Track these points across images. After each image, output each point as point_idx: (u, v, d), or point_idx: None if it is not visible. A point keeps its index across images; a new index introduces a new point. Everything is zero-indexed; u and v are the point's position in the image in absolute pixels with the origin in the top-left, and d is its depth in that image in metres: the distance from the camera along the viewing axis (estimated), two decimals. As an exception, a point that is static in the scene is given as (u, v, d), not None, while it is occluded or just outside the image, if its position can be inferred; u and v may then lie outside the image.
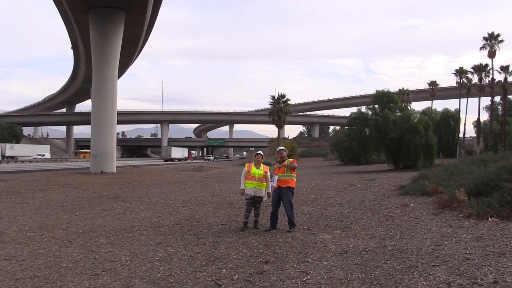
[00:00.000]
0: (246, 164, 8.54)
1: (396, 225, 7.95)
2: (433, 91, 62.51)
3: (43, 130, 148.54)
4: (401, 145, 30.05)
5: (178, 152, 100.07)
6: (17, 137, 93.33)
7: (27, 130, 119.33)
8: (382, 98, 32.70)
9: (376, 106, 33.04)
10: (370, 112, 33.25)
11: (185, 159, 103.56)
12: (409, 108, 39.73)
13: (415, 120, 31.60)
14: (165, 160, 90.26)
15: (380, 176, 21.09)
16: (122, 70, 56.29)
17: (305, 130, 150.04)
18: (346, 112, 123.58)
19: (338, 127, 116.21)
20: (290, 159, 8.22)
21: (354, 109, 39.65)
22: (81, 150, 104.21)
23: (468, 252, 5.58)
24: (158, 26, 49.74)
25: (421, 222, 7.99)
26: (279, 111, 56.93)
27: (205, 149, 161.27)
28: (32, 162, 66.73)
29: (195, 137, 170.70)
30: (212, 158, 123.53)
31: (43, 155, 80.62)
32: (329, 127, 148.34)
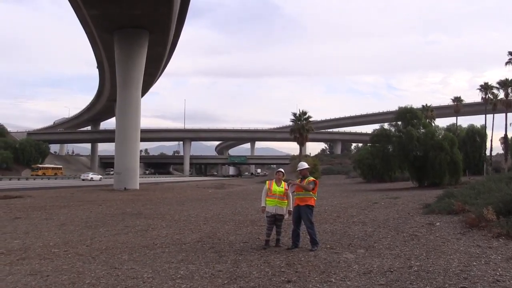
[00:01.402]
0: (267, 182, 8.50)
1: (421, 244, 7.75)
2: (458, 107, 61.44)
3: (69, 148, 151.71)
4: (426, 162, 29.44)
5: (232, 170, 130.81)
6: (43, 155, 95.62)
7: (53, 148, 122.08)
8: (405, 115, 32.26)
9: (399, 122, 32.59)
10: (393, 129, 32.80)
11: (238, 175, 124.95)
12: (433, 124, 39.04)
13: (440, 136, 30.99)
14: (223, 176, 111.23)
15: (404, 194, 20.70)
16: (145, 88, 57.36)
17: (327, 148, 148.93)
18: (368, 129, 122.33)
19: (360, 144, 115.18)
20: (310, 178, 8.11)
21: (376, 126, 39.14)
22: (40, 165, 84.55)
23: (498, 273, 5.38)
24: (180, 45, 50.77)
25: (448, 242, 7.77)
26: (301, 128, 56.77)
27: (226, 166, 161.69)
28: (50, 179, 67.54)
29: (217, 155, 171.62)
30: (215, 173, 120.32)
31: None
32: (351, 144, 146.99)
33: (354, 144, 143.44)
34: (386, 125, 34.27)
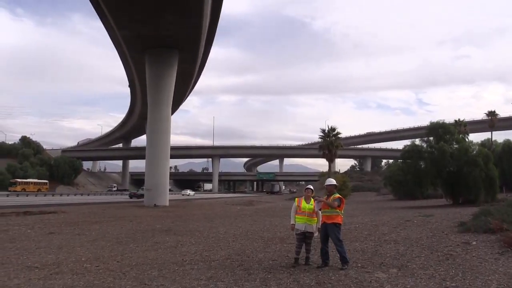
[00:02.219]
0: (296, 199, 8.43)
1: (457, 264, 7.47)
2: (493, 122, 59.78)
3: (101, 164, 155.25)
4: (460, 178, 28.55)
5: (276, 187, 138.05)
6: (77, 171, 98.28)
7: (86, 164, 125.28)
8: (437, 130, 31.51)
9: (431, 138, 31.86)
10: (424, 145, 32.08)
11: (279, 191, 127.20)
12: (467, 139, 37.97)
13: (474, 152, 30.05)
14: (268, 193, 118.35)
15: (437, 212, 20.08)
16: (175, 106, 58.38)
17: (357, 164, 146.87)
18: (398, 145, 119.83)
19: (391, 161, 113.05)
20: (336, 195, 7.96)
21: (407, 142, 38.35)
22: (19, 180, 73.95)
23: (541, 296, 5.11)
24: (209, 64, 51.61)
25: (485, 262, 7.45)
26: (330, 144, 56.32)
27: (255, 183, 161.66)
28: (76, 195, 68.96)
29: (245, 171, 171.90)
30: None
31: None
32: (382, 161, 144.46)
33: (384, 161, 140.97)
34: (417, 141, 33.56)
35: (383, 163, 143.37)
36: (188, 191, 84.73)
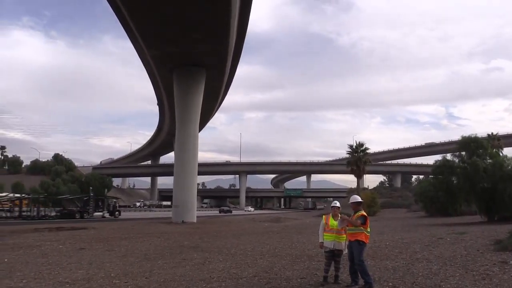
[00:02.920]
0: (324, 216, 8.30)
1: (494, 285, 7.15)
2: (528, 136, 57.70)
3: (130, 181, 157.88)
4: (495, 194, 27.53)
5: (311, 203, 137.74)
6: (107, 188, 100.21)
7: (116, 181, 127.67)
8: (469, 144, 30.63)
9: (463, 153, 30.98)
10: (456, 160, 31.22)
11: (314, 208, 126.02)
12: (501, 154, 36.76)
13: (510, 167, 29.03)
14: (304, 209, 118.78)
15: (471, 229, 19.40)
16: (203, 123, 59.07)
17: (386, 180, 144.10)
18: (429, 160, 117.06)
19: (421, 176, 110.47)
20: (360, 213, 7.76)
21: (438, 157, 37.40)
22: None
23: None
24: (236, 81, 52.04)
25: (525, 282, 7.11)
26: (358, 160, 55.58)
27: (282, 199, 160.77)
28: None
29: (272, 188, 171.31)
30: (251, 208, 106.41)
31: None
32: (412, 177, 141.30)
33: (414, 176, 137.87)
34: (448, 156, 32.71)
35: (413, 179, 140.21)
36: (250, 208, 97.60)
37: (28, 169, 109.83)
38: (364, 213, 7.73)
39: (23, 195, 45.09)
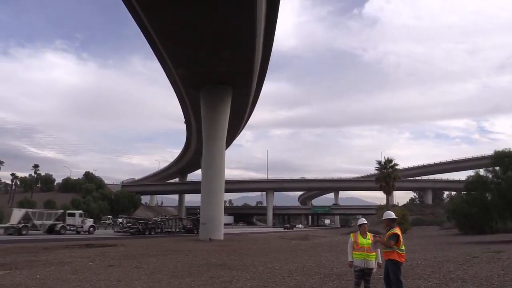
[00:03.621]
0: (352, 234, 8.09)
1: (536, 306, 6.78)
2: None
3: (158, 199, 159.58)
4: (532, 211, 26.47)
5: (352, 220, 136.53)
6: (136, 205, 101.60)
7: (144, 199, 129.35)
8: (503, 159, 29.63)
9: (497, 168, 29.98)
10: (490, 175, 30.23)
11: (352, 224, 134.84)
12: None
13: (547, 183, 27.86)
14: (342, 226, 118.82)
15: (508, 248, 18.61)
16: (229, 141, 59.42)
17: (416, 196, 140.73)
18: (460, 175, 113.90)
19: (453, 193, 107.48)
20: (391, 231, 7.51)
21: (470, 172, 36.25)
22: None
23: None
24: (261, 98, 52.22)
25: None
26: (387, 176, 54.53)
27: (310, 217, 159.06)
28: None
29: (300, 205, 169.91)
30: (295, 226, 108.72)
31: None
32: (443, 193, 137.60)
33: (446, 193, 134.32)
34: (481, 171, 31.74)
35: (445, 195, 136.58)
36: (300, 225, 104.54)
37: (60, 186, 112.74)
38: (397, 231, 7.49)
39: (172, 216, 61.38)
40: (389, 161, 55.45)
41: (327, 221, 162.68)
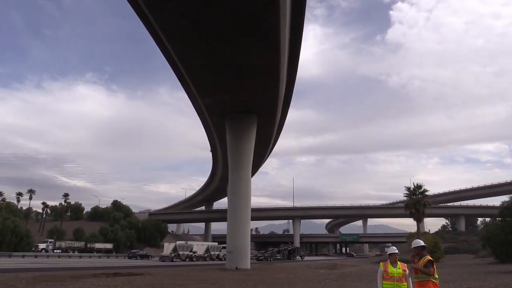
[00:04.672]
0: (381, 263, 7.87)
1: None
2: None
3: (184, 227, 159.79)
4: None
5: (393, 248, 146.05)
6: (162, 234, 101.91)
7: (171, 227, 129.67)
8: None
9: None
10: (526, 201, 29.15)
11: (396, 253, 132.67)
12: None
13: None
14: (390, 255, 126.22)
15: (550, 278, 17.70)
16: (255, 168, 59.41)
17: (448, 223, 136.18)
18: (494, 201, 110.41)
19: (488, 219, 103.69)
20: (426, 259, 7.27)
21: (504, 198, 35.08)
22: None
23: None
24: (286, 126, 52.36)
25: None
26: (416, 203, 53.33)
27: (338, 245, 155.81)
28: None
29: (327, 233, 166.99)
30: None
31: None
32: (477, 219, 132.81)
33: (480, 219, 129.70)
34: (517, 197, 30.68)
35: (478, 222, 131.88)
36: (394, 248, 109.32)
37: (88, 215, 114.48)
38: (430, 258, 7.26)
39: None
40: (418, 187, 54.30)
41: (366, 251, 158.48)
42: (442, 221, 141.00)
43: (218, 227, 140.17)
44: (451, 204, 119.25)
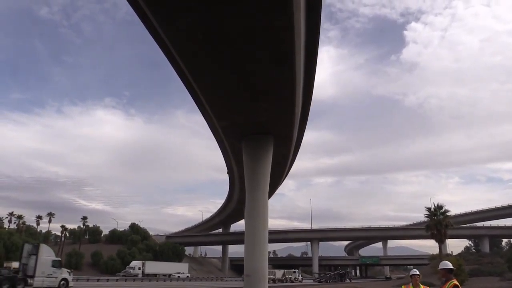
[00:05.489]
0: (403, 286, 7.62)
1: None
2: None
3: (202, 250, 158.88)
4: None
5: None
6: (180, 256, 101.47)
7: (188, 250, 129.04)
8: None
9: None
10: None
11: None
12: None
13: None
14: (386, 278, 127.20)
15: None
16: (272, 190, 58.98)
17: (472, 245, 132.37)
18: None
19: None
20: (452, 282, 6.95)
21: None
22: None
23: None
24: (303, 147, 52.19)
25: None
26: (438, 224, 52.07)
27: (358, 268, 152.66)
28: (172, 280, 71.05)
29: (346, 255, 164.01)
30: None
31: (182, 273, 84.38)
32: (502, 240, 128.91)
33: (505, 240, 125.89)
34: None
35: (503, 243, 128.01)
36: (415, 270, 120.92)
37: (106, 238, 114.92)
38: (457, 282, 6.94)
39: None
40: (439, 207, 53.13)
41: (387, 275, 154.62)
42: (464, 242, 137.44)
43: (236, 250, 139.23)
44: (473, 224, 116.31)
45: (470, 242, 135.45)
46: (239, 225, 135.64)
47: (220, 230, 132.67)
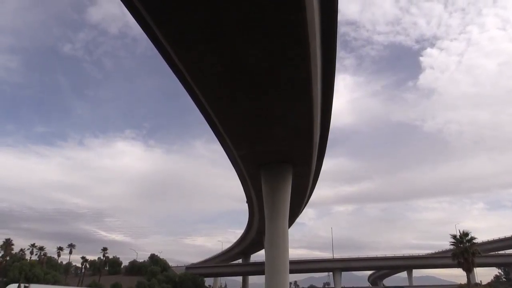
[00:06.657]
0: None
1: None
2: None
3: (222, 281, 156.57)
4: None
5: None
6: (199, 287, 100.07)
7: (208, 281, 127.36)
8: None
9: None
10: None
11: None
12: None
13: None
14: None
15: None
16: (292, 219, 58.34)
17: (502, 273, 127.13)
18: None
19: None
20: None
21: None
22: None
23: None
24: (322, 175, 51.79)
25: None
26: (464, 251, 50.39)
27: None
28: None
29: (370, 286, 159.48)
30: None
31: None
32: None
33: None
34: None
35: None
36: None
37: (126, 269, 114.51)
38: None
39: None
40: (465, 234, 51.52)
41: None
42: (494, 271, 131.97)
43: (256, 281, 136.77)
44: (503, 252, 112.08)
45: (500, 271, 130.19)
46: (259, 255, 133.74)
47: (240, 261, 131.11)
